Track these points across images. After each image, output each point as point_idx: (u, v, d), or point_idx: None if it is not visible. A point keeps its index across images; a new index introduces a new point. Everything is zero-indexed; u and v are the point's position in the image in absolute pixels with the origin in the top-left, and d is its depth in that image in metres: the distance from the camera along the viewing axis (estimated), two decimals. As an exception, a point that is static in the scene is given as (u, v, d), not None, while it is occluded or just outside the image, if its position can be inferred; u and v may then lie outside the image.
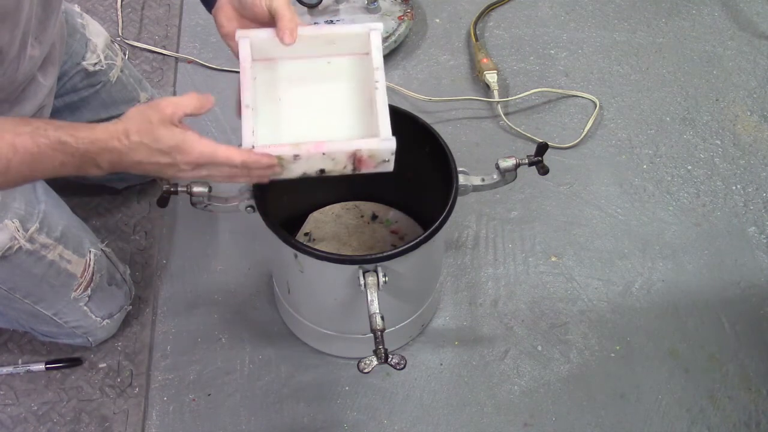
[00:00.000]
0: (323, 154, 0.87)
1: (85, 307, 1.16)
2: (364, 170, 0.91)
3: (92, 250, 1.15)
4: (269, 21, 0.91)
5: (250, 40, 0.90)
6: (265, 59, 0.94)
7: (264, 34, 0.91)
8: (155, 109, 0.81)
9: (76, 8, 1.21)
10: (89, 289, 1.15)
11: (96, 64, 1.20)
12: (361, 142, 0.88)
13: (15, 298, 1.08)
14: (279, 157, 0.86)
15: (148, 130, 0.81)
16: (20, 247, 1.01)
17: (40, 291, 1.09)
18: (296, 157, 0.87)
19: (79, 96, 1.22)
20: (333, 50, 0.96)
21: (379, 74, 0.91)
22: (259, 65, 0.93)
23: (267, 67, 0.95)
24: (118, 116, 0.85)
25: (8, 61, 0.88)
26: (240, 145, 0.86)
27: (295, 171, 0.90)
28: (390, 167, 0.92)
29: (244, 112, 0.87)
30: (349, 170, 0.91)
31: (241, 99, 0.88)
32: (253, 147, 0.85)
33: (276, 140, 0.89)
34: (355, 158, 0.89)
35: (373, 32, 0.93)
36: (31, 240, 1.02)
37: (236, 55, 0.91)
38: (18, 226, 1.00)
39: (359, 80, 0.96)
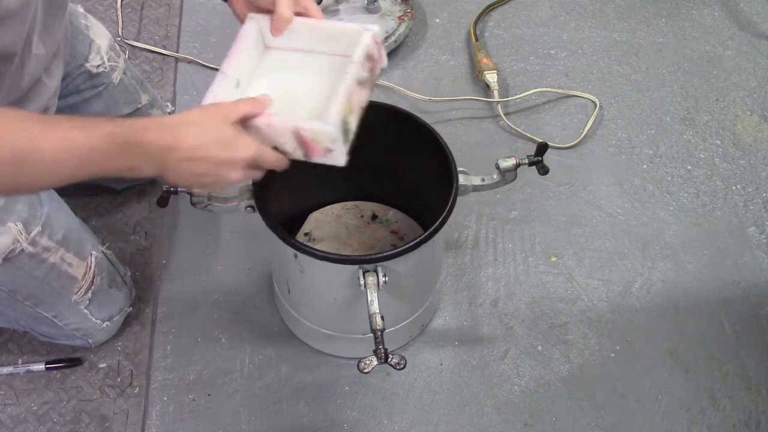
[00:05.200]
0: (268, 125, 0.86)
1: (86, 310, 1.16)
2: (316, 159, 0.88)
3: (93, 252, 1.15)
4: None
5: (257, 23, 0.92)
6: (272, 47, 0.96)
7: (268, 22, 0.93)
8: (212, 107, 0.84)
9: (80, 9, 1.21)
10: (90, 291, 1.15)
11: (99, 65, 1.20)
12: (303, 121, 0.86)
13: (16, 300, 1.08)
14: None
15: (206, 118, 0.82)
16: (22, 250, 1.01)
17: (41, 293, 1.09)
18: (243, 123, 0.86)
19: (82, 97, 1.22)
20: (333, 48, 0.96)
21: (353, 68, 0.89)
22: (269, 52, 0.95)
23: (271, 54, 0.96)
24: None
25: (15, 62, 0.88)
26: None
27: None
28: (339, 160, 0.87)
29: (218, 76, 0.88)
30: (299, 155, 0.88)
31: (222, 65, 0.89)
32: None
33: None
34: (302, 141, 0.87)
35: (366, 32, 0.93)
36: (33, 243, 1.02)
37: None
38: (21, 229, 0.99)
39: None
